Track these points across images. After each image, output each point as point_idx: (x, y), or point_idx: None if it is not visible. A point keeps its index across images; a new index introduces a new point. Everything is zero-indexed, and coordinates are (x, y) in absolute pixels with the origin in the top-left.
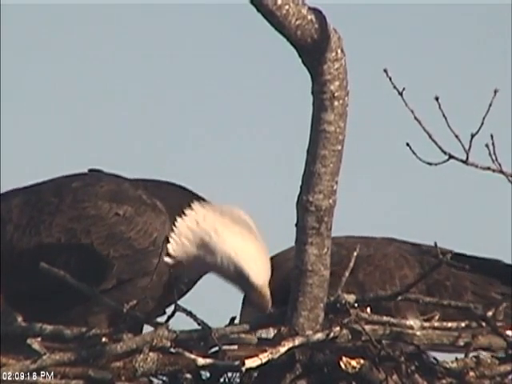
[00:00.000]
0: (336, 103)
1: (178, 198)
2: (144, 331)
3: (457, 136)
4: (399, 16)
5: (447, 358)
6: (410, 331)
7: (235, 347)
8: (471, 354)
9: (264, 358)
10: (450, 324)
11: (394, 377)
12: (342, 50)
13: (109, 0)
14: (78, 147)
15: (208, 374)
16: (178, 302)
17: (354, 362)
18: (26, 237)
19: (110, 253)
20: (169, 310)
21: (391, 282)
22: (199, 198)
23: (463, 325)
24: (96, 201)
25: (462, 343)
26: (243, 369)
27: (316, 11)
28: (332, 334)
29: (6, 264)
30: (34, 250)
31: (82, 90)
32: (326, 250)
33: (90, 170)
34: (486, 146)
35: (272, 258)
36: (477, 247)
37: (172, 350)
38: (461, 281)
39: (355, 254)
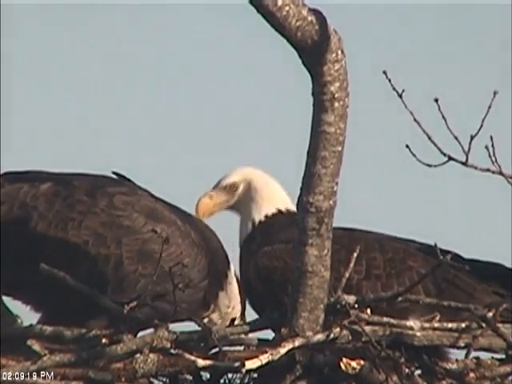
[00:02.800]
0: (336, 104)
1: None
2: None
3: (456, 137)
4: (399, 17)
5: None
6: (410, 332)
7: (235, 348)
8: (471, 355)
9: (264, 359)
10: (450, 325)
11: (394, 378)
12: (342, 52)
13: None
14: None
15: (208, 375)
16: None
17: (354, 363)
18: (51, 230)
19: (138, 269)
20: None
21: (357, 262)
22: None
23: (463, 325)
24: (132, 212)
25: (462, 344)
26: (243, 370)
27: (316, 12)
28: (332, 335)
29: (21, 250)
30: (58, 247)
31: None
32: (326, 251)
33: (114, 173)
34: (486, 147)
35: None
36: (476, 248)
37: (172, 351)
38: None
39: (355, 254)
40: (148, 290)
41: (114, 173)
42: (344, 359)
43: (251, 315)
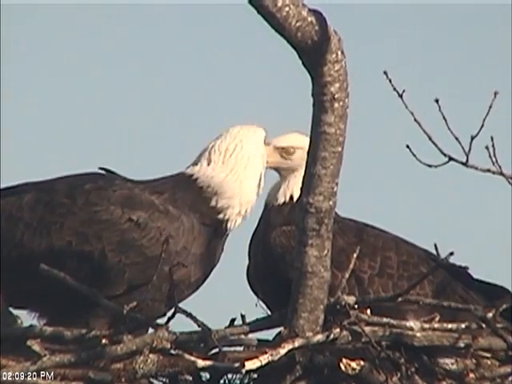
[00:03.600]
0: (336, 105)
1: (186, 193)
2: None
3: (457, 138)
4: (399, 17)
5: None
6: (410, 332)
7: (235, 349)
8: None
9: (264, 359)
10: (450, 325)
11: (394, 378)
12: (342, 52)
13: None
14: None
15: (208, 376)
16: (178, 304)
17: (353, 364)
18: (36, 237)
19: (122, 259)
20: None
21: (372, 259)
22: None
23: (463, 326)
24: (108, 205)
25: (462, 344)
26: (243, 370)
27: (316, 13)
28: (332, 336)
29: (14, 262)
30: (45, 253)
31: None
32: (326, 251)
33: (101, 169)
34: (486, 148)
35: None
36: (476, 248)
37: (172, 351)
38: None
39: (355, 255)
40: (137, 277)
41: (101, 169)
42: (344, 360)
43: (251, 315)
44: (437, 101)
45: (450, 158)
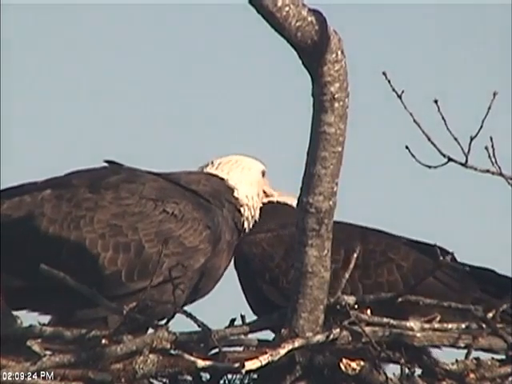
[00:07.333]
0: (336, 105)
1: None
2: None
3: (456, 139)
4: (399, 17)
5: (447, 360)
6: (411, 333)
7: (235, 349)
8: (471, 356)
9: (264, 359)
10: (450, 325)
11: (394, 379)
12: (342, 52)
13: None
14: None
15: (208, 376)
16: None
17: (354, 364)
18: (63, 231)
19: (161, 250)
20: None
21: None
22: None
23: (463, 326)
24: (140, 199)
25: (462, 344)
26: (243, 371)
27: (316, 13)
28: (332, 336)
29: (36, 256)
30: (75, 246)
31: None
32: (326, 251)
33: (107, 162)
34: (486, 148)
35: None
36: (476, 249)
37: (172, 351)
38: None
39: (355, 255)
40: (175, 268)
41: (106, 161)
42: (344, 360)
43: (251, 315)
44: (436, 101)
45: (450, 159)
